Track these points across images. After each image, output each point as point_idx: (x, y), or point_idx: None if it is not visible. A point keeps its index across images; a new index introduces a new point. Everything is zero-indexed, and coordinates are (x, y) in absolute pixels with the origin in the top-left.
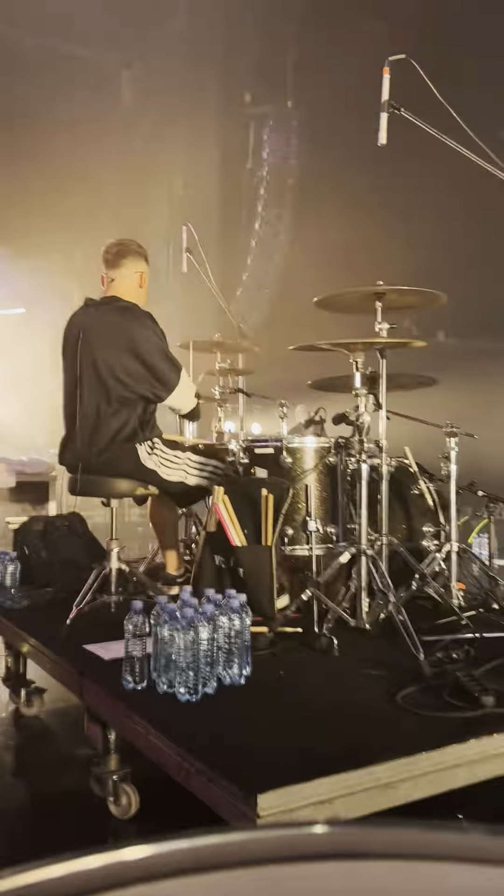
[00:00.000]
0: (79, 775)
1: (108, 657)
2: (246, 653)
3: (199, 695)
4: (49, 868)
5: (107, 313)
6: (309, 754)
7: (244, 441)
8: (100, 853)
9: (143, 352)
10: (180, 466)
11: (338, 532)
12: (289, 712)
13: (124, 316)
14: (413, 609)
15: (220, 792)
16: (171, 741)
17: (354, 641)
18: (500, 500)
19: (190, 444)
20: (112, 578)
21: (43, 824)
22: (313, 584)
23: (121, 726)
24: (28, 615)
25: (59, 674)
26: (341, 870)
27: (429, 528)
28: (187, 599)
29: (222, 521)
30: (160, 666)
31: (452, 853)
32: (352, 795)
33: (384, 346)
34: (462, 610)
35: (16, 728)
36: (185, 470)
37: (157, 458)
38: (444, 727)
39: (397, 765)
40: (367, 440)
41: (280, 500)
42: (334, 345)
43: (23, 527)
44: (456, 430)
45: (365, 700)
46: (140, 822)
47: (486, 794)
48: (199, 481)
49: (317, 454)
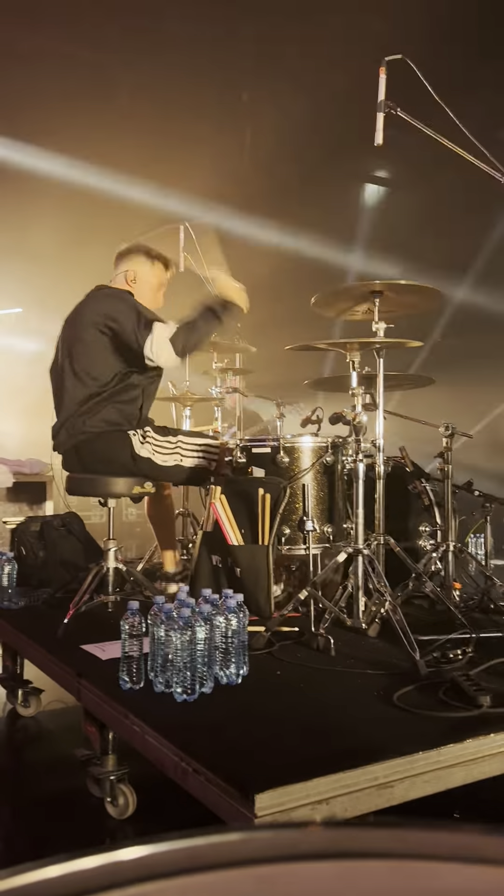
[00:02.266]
0: (76, 776)
1: (106, 657)
2: (243, 652)
3: (196, 695)
4: (47, 868)
5: (85, 303)
6: (306, 754)
7: (241, 440)
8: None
9: (113, 312)
10: (174, 450)
11: (334, 531)
12: (286, 712)
13: (96, 295)
14: (409, 609)
15: (217, 792)
16: (168, 741)
17: (351, 641)
18: (497, 500)
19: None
20: (109, 578)
21: (40, 825)
22: (310, 584)
23: (118, 726)
24: (25, 615)
25: (56, 674)
26: (339, 869)
27: (425, 527)
28: (184, 599)
29: (219, 520)
30: (157, 666)
31: (450, 853)
32: (349, 795)
33: (381, 346)
34: (458, 609)
35: (13, 729)
36: (179, 453)
37: (150, 445)
38: (441, 727)
39: (394, 764)
40: (363, 440)
41: (277, 499)
42: (331, 344)
43: (20, 527)
44: (453, 430)
45: (361, 700)
46: (137, 823)
47: (484, 794)
48: (195, 462)
49: (314, 454)
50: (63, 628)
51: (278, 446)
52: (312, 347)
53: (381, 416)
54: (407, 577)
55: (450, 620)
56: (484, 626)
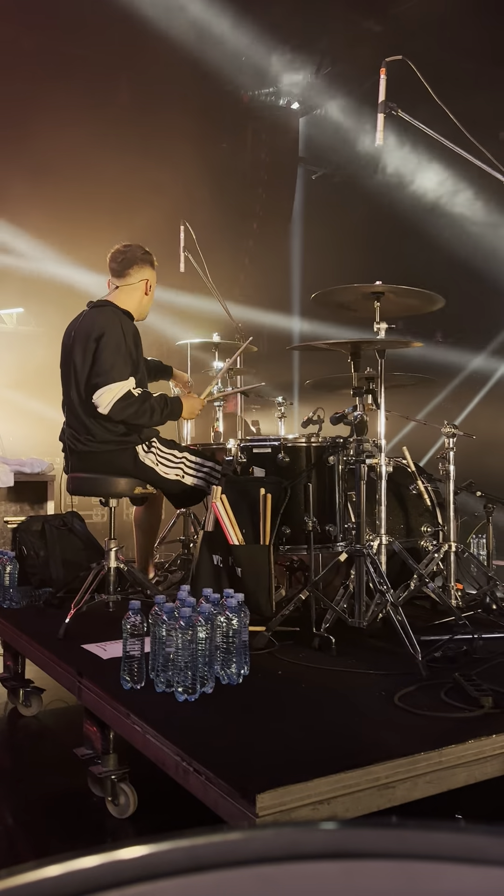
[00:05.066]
0: (77, 775)
1: (107, 657)
2: (244, 652)
3: (197, 694)
4: (48, 868)
5: (91, 315)
6: (307, 754)
7: (242, 440)
8: (98, 853)
9: (101, 340)
10: (177, 465)
11: (336, 532)
12: (287, 712)
13: (101, 312)
14: (411, 609)
15: (218, 791)
16: (169, 741)
17: (352, 641)
18: (499, 501)
19: (186, 446)
20: (110, 578)
21: (41, 824)
22: (311, 584)
23: (119, 726)
24: (26, 615)
25: (58, 673)
26: (339, 869)
27: (427, 528)
28: (185, 599)
29: (220, 520)
30: (158, 665)
31: (452, 853)
32: (350, 795)
33: (382, 347)
34: (460, 610)
35: (14, 728)
36: (182, 469)
37: (154, 455)
38: (443, 727)
39: (395, 765)
40: (365, 440)
41: (278, 499)
42: (332, 345)
43: (21, 526)
44: (454, 431)
45: (363, 700)
46: (138, 822)
47: (485, 795)
48: (196, 482)
49: (315, 454)
50: (64, 628)
51: (279, 446)
52: (313, 347)
53: (382, 416)
54: (408, 578)
55: (451, 621)
56: (486, 626)
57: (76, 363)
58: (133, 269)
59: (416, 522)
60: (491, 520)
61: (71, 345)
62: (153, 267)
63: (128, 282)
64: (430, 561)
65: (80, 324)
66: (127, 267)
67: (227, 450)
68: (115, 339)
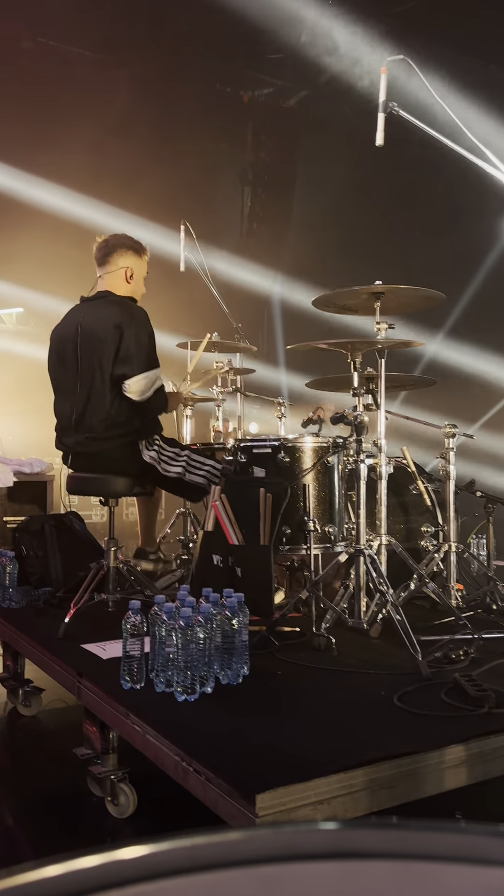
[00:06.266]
0: (77, 775)
1: (106, 656)
2: (244, 652)
3: (196, 694)
4: (48, 868)
5: (102, 307)
6: (307, 754)
7: (242, 440)
8: (98, 853)
9: (128, 327)
10: (179, 463)
11: (336, 532)
12: (287, 712)
13: (120, 310)
14: (411, 609)
15: (218, 791)
16: (169, 741)
17: (352, 641)
18: (499, 501)
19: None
20: (110, 577)
21: (41, 824)
22: (311, 584)
23: (119, 726)
24: (26, 614)
25: (57, 673)
26: (340, 869)
27: (427, 528)
28: (185, 599)
29: (220, 520)
30: (158, 665)
31: (452, 853)
32: (350, 795)
33: (383, 347)
34: (460, 610)
35: (14, 728)
36: (183, 467)
37: (156, 453)
38: (443, 727)
39: (395, 765)
40: (365, 440)
41: (278, 499)
42: (333, 344)
43: (21, 526)
44: (454, 431)
45: (363, 700)
46: (138, 822)
47: (485, 795)
48: (196, 479)
49: (315, 454)
50: (64, 628)
51: (279, 446)
52: (313, 347)
53: (382, 417)
54: (409, 578)
55: (452, 621)
56: (486, 626)
57: (99, 352)
58: (113, 256)
59: (417, 523)
60: (491, 520)
61: (79, 337)
62: (140, 256)
63: (108, 269)
64: (430, 561)
65: (87, 315)
66: (107, 254)
67: (227, 450)
68: (146, 328)
